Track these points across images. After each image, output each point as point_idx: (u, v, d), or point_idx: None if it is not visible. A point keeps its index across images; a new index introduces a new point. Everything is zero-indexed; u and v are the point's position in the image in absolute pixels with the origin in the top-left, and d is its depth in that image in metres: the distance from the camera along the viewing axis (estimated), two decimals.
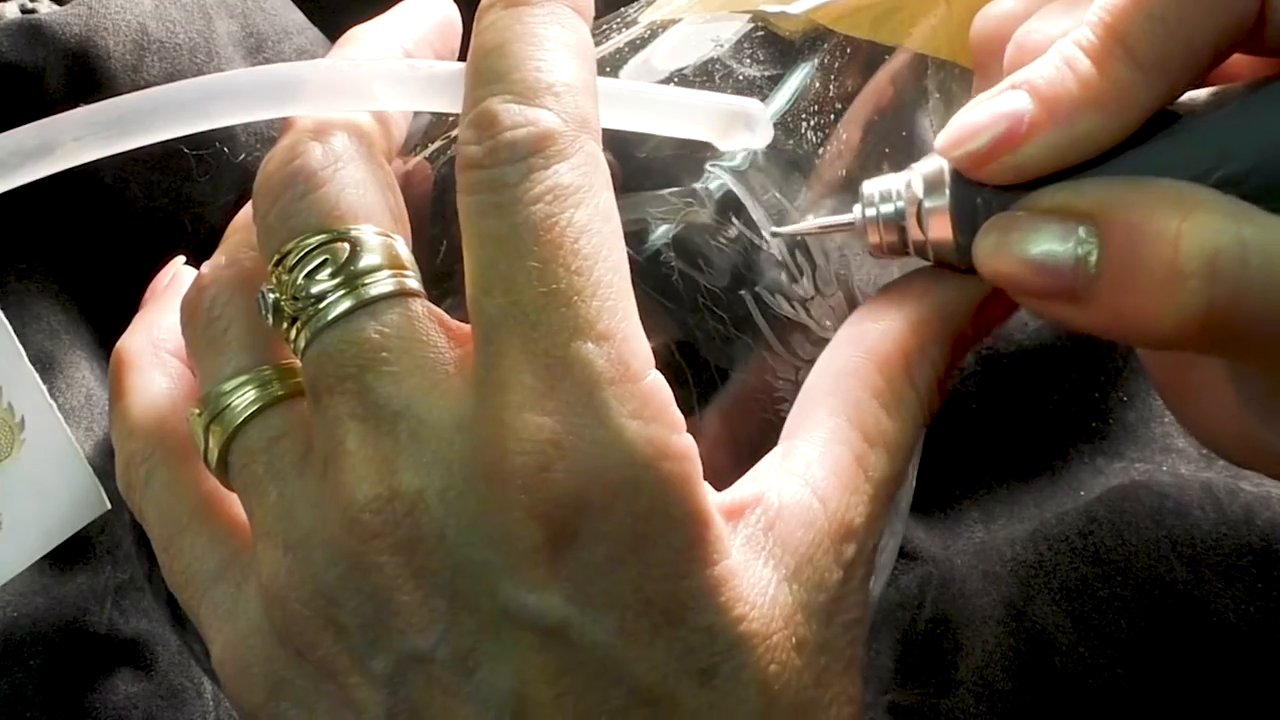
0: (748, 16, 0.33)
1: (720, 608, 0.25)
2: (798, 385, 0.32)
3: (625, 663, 0.25)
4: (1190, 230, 0.25)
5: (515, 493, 0.24)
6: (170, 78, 0.43)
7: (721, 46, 0.33)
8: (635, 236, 0.31)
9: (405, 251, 0.27)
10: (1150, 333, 0.26)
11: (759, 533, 0.26)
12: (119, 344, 0.32)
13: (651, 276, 0.30)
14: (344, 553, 0.25)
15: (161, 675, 0.40)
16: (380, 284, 0.26)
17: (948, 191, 0.28)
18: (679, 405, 0.26)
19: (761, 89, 0.33)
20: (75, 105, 0.28)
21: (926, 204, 0.28)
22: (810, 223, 0.31)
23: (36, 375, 0.36)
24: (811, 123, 0.33)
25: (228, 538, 0.28)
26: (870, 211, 0.29)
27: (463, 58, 0.29)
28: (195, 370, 0.29)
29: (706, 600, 0.25)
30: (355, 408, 0.26)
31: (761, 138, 0.30)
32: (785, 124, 0.33)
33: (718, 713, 0.25)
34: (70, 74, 0.42)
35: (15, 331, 0.35)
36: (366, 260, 0.26)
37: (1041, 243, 0.27)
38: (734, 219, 0.31)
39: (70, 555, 0.41)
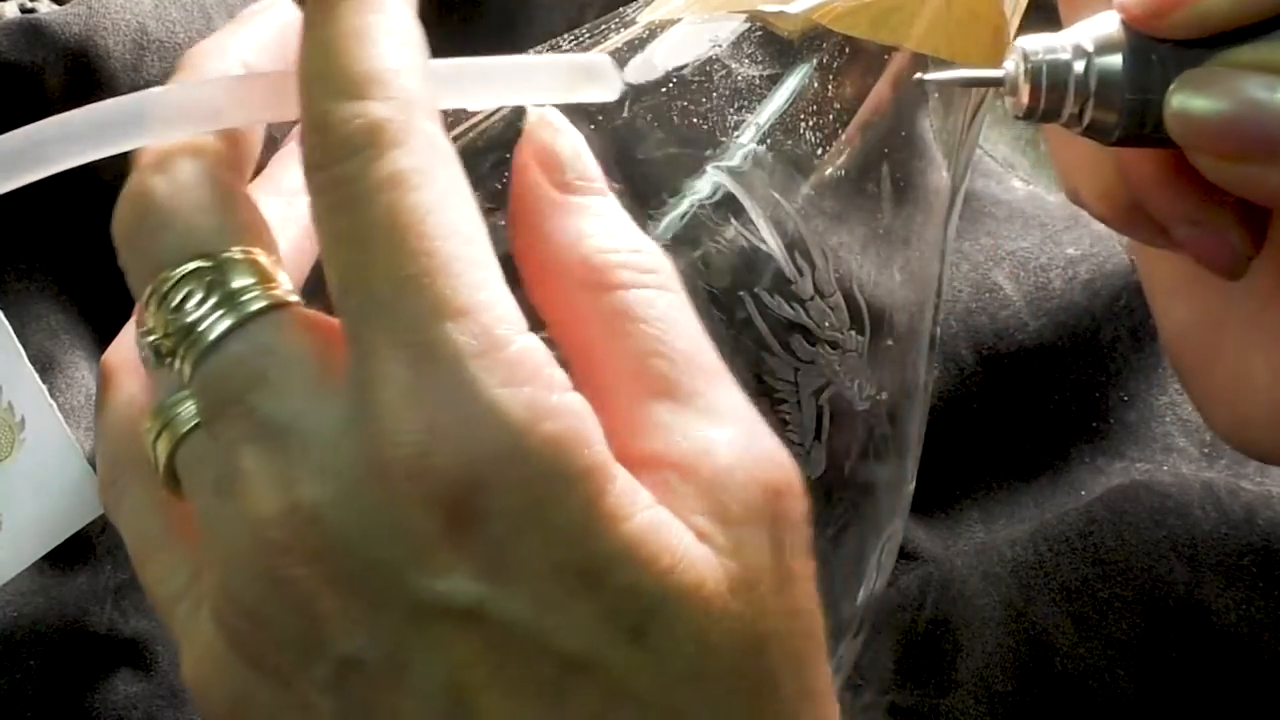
0: (746, 16, 0.33)
1: (641, 562, 0.25)
2: (796, 386, 0.32)
3: (546, 632, 0.25)
4: None
5: (404, 485, 0.24)
6: (170, 76, 0.43)
7: (720, 46, 0.33)
8: None
9: (274, 265, 0.27)
10: None
11: (677, 481, 0.26)
12: (104, 356, 0.31)
13: None
14: (260, 570, 0.25)
15: (161, 675, 0.40)
16: (252, 301, 0.26)
17: (1122, 51, 0.27)
18: None
19: (760, 89, 0.33)
20: (75, 105, 0.28)
21: (1097, 60, 0.28)
22: (958, 73, 0.30)
23: (36, 375, 0.36)
24: (810, 123, 0.33)
25: (191, 557, 0.28)
26: (1029, 66, 0.28)
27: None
28: (149, 380, 0.29)
29: (624, 557, 0.25)
30: (245, 429, 0.25)
31: (611, 89, 0.30)
32: (784, 124, 0.33)
33: (653, 671, 0.25)
34: (70, 74, 0.42)
35: (15, 331, 0.35)
36: (235, 281, 0.26)
37: (1245, 95, 0.27)
38: (733, 220, 0.31)
39: (70, 555, 0.41)
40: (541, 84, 0.29)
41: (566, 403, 0.25)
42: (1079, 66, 0.28)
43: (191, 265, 0.26)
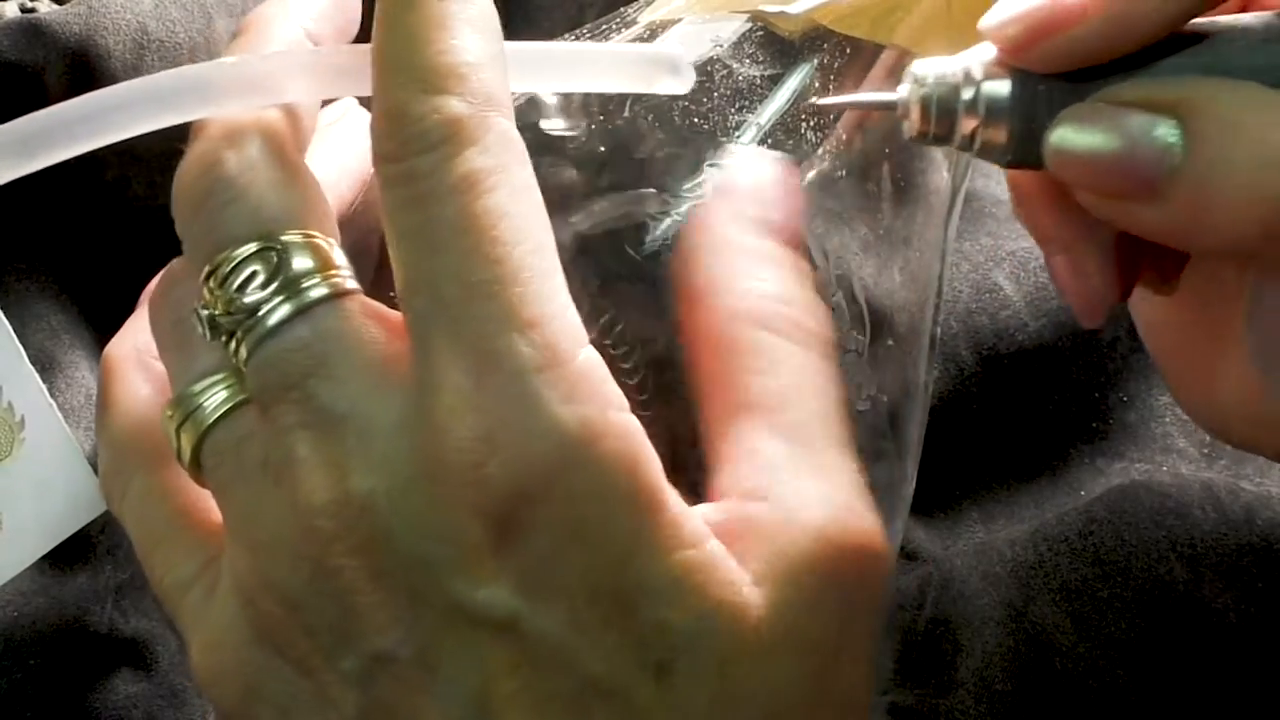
0: (747, 16, 0.33)
1: (675, 601, 0.24)
2: None
3: (576, 653, 0.25)
4: None
5: (456, 490, 0.24)
6: None
7: (721, 46, 0.33)
8: (635, 236, 0.31)
9: (336, 251, 0.27)
10: (1227, 227, 0.26)
11: (763, 516, 0.26)
12: (106, 350, 0.31)
13: (651, 277, 0.30)
14: (305, 557, 0.25)
15: (161, 675, 0.40)
16: (315, 288, 0.26)
17: (1010, 78, 0.27)
18: (677, 407, 0.26)
19: (761, 89, 0.33)
20: None
21: (985, 88, 0.27)
22: (852, 97, 0.30)
23: (37, 375, 0.36)
24: (811, 123, 0.33)
25: (202, 545, 0.28)
26: (921, 92, 0.28)
27: (365, 33, 0.28)
28: (166, 370, 0.29)
29: (660, 592, 0.24)
30: (303, 415, 0.25)
31: (686, 81, 0.30)
32: (785, 124, 0.33)
33: (674, 711, 0.25)
34: (70, 73, 0.42)
35: (15, 331, 0.35)
36: (298, 265, 0.26)
37: (1124, 133, 0.26)
38: None
39: (70, 555, 0.41)
40: (616, 73, 0.30)
41: (623, 422, 0.25)
42: (968, 93, 0.28)
43: (256, 245, 0.26)
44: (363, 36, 0.29)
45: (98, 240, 0.44)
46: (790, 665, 0.25)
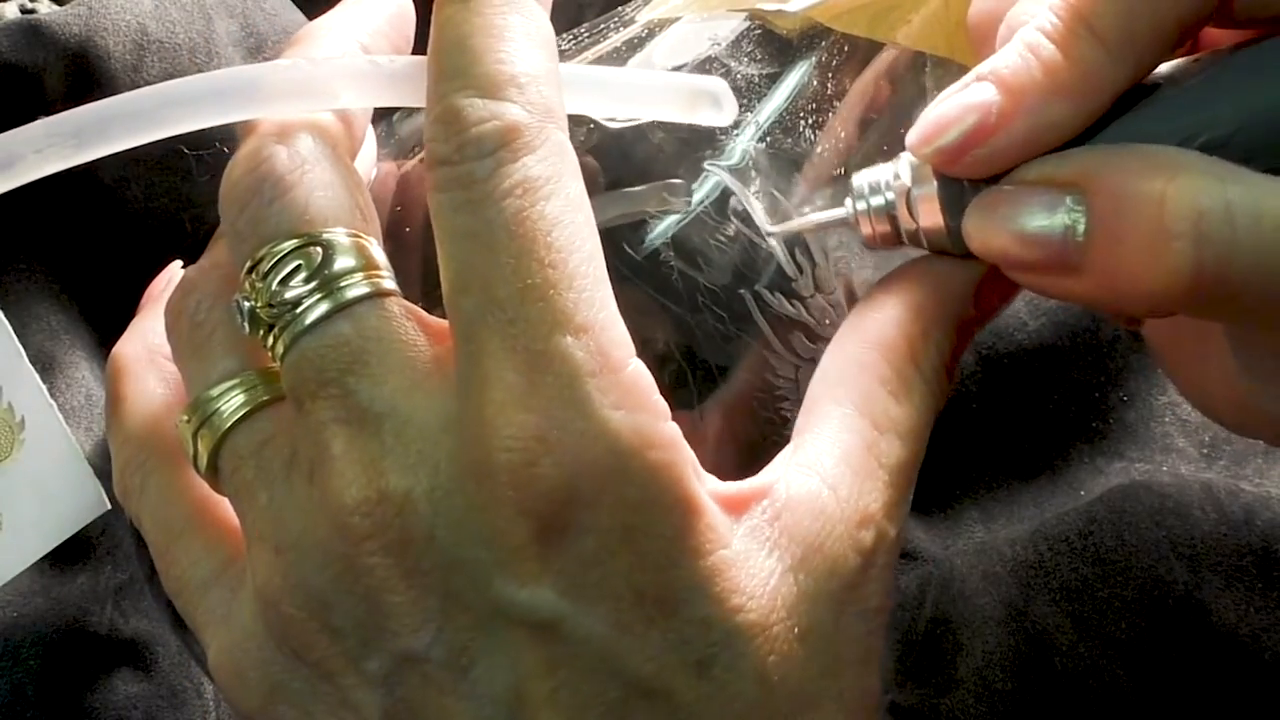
0: (745, 15, 0.33)
1: (715, 598, 0.25)
2: (798, 383, 0.32)
3: (620, 655, 0.25)
4: (1175, 192, 0.25)
5: (503, 489, 0.24)
6: (170, 78, 0.43)
7: (719, 45, 0.33)
8: (634, 235, 0.31)
9: (378, 251, 0.27)
10: (1140, 298, 0.26)
11: (764, 523, 0.26)
12: (115, 350, 0.32)
13: (651, 276, 0.30)
14: (335, 556, 0.25)
15: (161, 675, 0.40)
16: (356, 286, 0.26)
17: (935, 178, 0.28)
18: (679, 405, 0.26)
19: (759, 87, 0.33)
20: (75, 105, 0.28)
21: (915, 192, 0.28)
22: (805, 220, 0.31)
23: (36, 375, 0.36)
24: (810, 121, 0.33)
25: (221, 543, 0.28)
26: (861, 204, 0.29)
27: (418, 49, 0.29)
28: (182, 374, 0.29)
29: (700, 591, 0.25)
30: (339, 411, 0.25)
31: (728, 113, 0.30)
32: (783, 122, 0.33)
33: (715, 704, 0.25)
34: (70, 74, 0.42)
35: (15, 331, 0.35)
36: (340, 263, 0.26)
37: (1029, 215, 0.27)
38: (733, 217, 0.31)
39: (70, 555, 0.41)
40: (662, 101, 0.30)
41: (670, 432, 0.25)
42: (901, 200, 0.29)
43: (302, 241, 0.26)
44: (416, 53, 0.29)
45: (97, 240, 0.44)
46: (813, 655, 0.26)
